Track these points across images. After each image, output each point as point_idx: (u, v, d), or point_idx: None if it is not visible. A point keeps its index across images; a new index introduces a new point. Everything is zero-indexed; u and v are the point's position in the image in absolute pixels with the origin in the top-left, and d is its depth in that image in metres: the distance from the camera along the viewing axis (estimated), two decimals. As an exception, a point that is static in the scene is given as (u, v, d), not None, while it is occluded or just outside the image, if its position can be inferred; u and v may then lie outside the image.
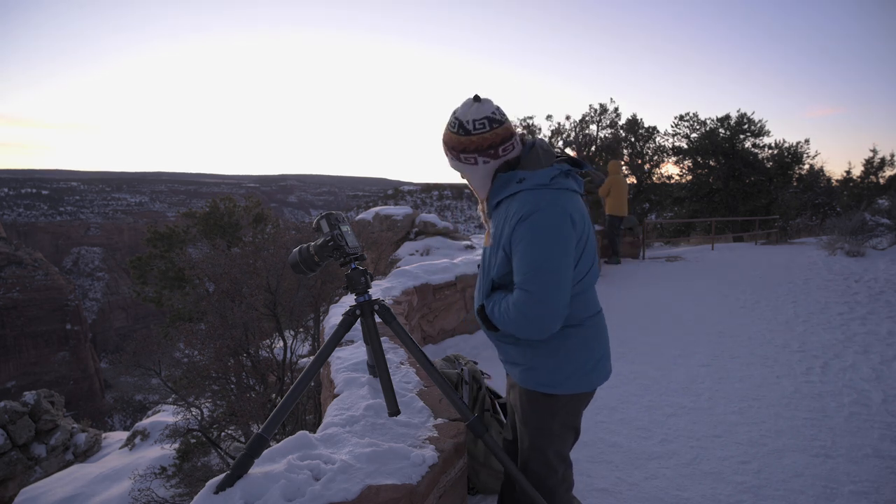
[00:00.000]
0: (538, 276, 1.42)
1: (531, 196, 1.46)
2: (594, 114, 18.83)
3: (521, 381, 1.64)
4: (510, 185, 1.51)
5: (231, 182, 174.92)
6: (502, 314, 1.52)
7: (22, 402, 11.29)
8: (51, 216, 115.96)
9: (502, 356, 1.72)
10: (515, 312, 1.46)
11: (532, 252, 1.42)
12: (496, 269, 1.58)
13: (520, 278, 1.45)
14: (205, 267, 7.21)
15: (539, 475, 1.67)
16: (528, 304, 1.43)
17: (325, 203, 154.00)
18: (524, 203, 1.45)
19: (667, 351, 4.94)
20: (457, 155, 1.56)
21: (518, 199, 1.48)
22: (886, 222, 10.41)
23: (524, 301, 1.44)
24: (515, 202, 1.48)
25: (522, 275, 1.44)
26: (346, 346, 2.98)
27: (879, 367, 4.24)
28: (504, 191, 1.52)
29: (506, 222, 1.50)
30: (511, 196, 1.51)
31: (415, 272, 5.28)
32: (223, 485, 1.45)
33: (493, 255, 1.59)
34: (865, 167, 20.25)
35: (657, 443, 3.16)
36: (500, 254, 1.53)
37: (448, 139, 1.56)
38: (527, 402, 1.65)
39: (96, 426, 14.55)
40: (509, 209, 1.50)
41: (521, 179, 1.49)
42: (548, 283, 1.41)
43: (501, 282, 1.60)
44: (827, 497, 2.54)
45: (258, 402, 5.28)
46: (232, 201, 14.12)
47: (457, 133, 1.53)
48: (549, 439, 1.66)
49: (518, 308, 1.45)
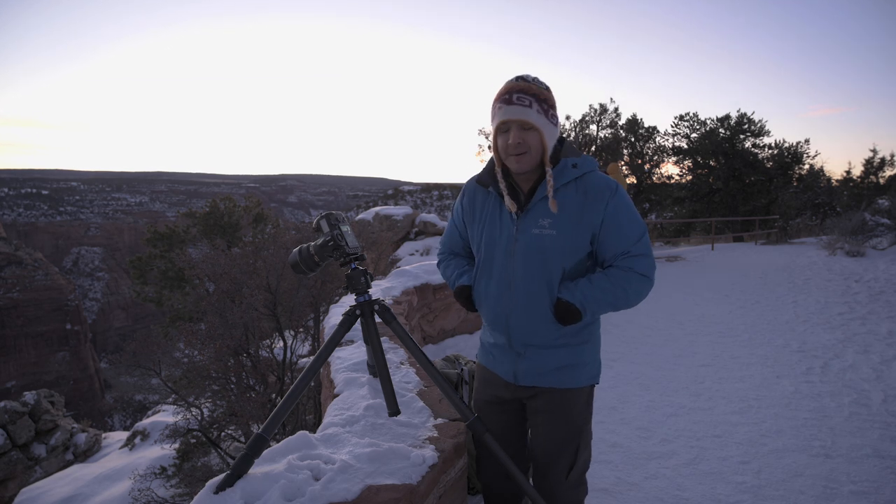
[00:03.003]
0: (646, 240, 1.52)
1: (603, 176, 1.54)
2: (594, 114, 18.83)
3: (569, 383, 1.60)
4: (566, 172, 1.53)
5: (231, 182, 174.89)
6: (604, 292, 1.50)
7: (22, 402, 11.29)
8: (51, 216, 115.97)
9: (543, 368, 1.59)
10: (636, 278, 1.50)
11: (637, 220, 1.52)
12: (575, 254, 1.52)
13: (633, 245, 1.51)
14: (205, 267, 7.21)
15: (584, 469, 1.70)
16: (648, 265, 1.51)
17: (325, 203, 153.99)
18: (604, 181, 1.52)
19: (667, 351, 4.94)
20: (547, 109, 1.49)
21: (588, 180, 1.52)
22: (886, 222, 10.41)
23: (644, 263, 1.51)
24: (589, 182, 1.52)
25: (635, 241, 1.51)
26: (346, 346, 2.97)
27: (879, 367, 4.24)
28: (563, 177, 1.53)
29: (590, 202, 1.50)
30: (575, 180, 1.53)
31: (415, 272, 5.28)
32: (223, 485, 1.44)
33: (570, 240, 1.51)
34: (865, 167, 20.27)
35: (657, 443, 3.16)
36: (586, 235, 1.52)
37: (544, 94, 1.49)
38: (574, 402, 1.63)
39: (96, 426, 14.55)
40: (581, 190, 1.51)
41: (575, 165, 1.53)
42: (650, 246, 1.55)
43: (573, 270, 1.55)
44: (827, 497, 2.54)
45: (258, 402, 5.27)
46: (232, 201, 14.13)
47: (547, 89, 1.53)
48: (590, 429, 1.70)
49: (640, 272, 1.50)
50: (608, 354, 4.82)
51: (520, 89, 1.47)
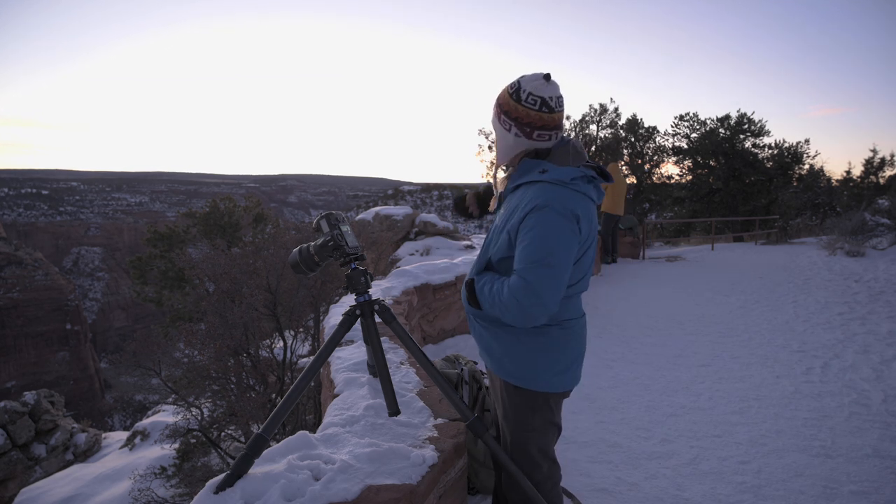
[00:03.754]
0: (539, 269, 1.43)
1: (548, 190, 1.47)
2: (594, 114, 18.83)
3: (496, 370, 1.68)
4: (532, 173, 1.53)
5: (231, 182, 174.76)
6: (493, 294, 1.53)
7: (22, 402, 11.29)
8: (51, 216, 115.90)
9: (479, 344, 1.74)
10: (509, 297, 1.47)
11: (537, 244, 1.43)
12: (496, 251, 1.60)
13: (521, 266, 1.46)
14: (205, 267, 7.21)
15: (523, 471, 1.67)
16: (523, 292, 1.43)
17: (325, 203, 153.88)
18: (539, 195, 1.47)
19: (667, 351, 4.94)
20: (499, 114, 1.58)
21: (535, 189, 1.50)
22: (886, 222, 10.41)
23: (520, 289, 1.44)
24: (532, 191, 1.50)
25: (524, 264, 1.45)
26: (346, 346, 2.97)
27: (879, 367, 4.24)
28: (525, 176, 1.54)
29: (517, 209, 1.51)
30: (529, 184, 1.53)
31: (415, 272, 5.28)
32: (223, 485, 1.45)
33: (496, 236, 1.61)
34: (865, 167, 20.26)
35: (657, 443, 3.16)
36: (504, 237, 1.55)
37: (501, 96, 1.58)
38: (507, 396, 1.67)
39: (96, 426, 14.54)
40: (524, 197, 1.51)
41: (544, 171, 1.51)
42: (546, 278, 1.42)
43: (497, 265, 1.62)
44: (827, 497, 2.54)
45: (258, 402, 5.28)
46: (232, 201, 14.14)
47: (510, 95, 1.55)
48: (530, 434, 1.67)
49: (513, 294, 1.45)
50: (608, 354, 4.82)
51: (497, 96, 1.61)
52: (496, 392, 1.75)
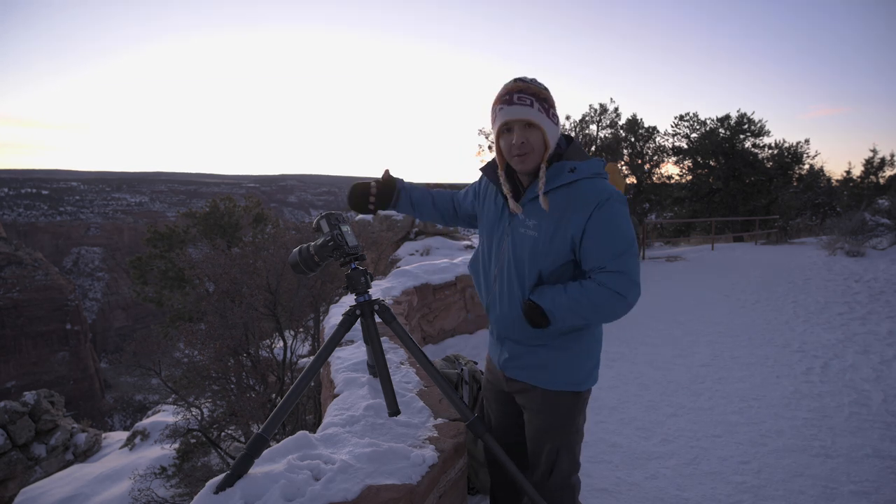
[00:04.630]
0: (629, 258, 1.44)
1: (599, 184, 1.48)
2: (594, 114, 18.81)
3: (549, 384, 1.61)
4: (563, 175, 1.49)
5: (231, 182, 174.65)
6: (574, 300, 1.46)
7: (22, 402, 11.30)
8: (51, 216, 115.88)
9: (528, 364, 1.63)
10: (604, 295, 1.43)
11: (618, 235, 1.44)
12: (552, 259, 1.51)
13: (609, 261, 1.44)
14: (205, 267, 7.21)
15: (569, 473, 1.70)
16: (624, 284, 1.42)
17: (325, 203, 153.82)
18: (595, 189, 1.46)
19: (667, 351, 4.94)
20: (548, 108, 1.49)
21: (581, 186, 1.47)
22: (886, 222, 10.41)
23: (619, 282, 1.43)
24: (579, 189, 1.47)
25: (613, 258, 1.43)
26: (346, 346, 2.97)
27: (879, 367, 4.24)
28: (558, 179, 1.50)
29: (568, 211, 1.47)
30: (568, 185, 1.49)
31: (415, 272, 5.28)
32: (223, 485, 1.44)
33: (547, 245, 1.50)
34: (865, 167, 20.28)
35: (657, 443, 3.16)
36: (564, 243, 1.49)
37: (543, 93, 1.49)
38: (555, 405, 1.64)
39: (96, 426, 14.56)
40: (571, 196, 1.47)
41: (573, 169, 1.49)
42: (636, 265, 1.45)
43: (552, 274, 1.53)
44: (827, 497, 2.54)
45: (258, 402, 5.28)
46: (232, 201, 14.14)
47: (548, 91, 1.52)
48: (576, 437, 1.69)
49: (611, 289, 1.43)
50: (608, 354, 4.82)
51: (520, 89, 1.47)
52: (536, 404, 1.66)
